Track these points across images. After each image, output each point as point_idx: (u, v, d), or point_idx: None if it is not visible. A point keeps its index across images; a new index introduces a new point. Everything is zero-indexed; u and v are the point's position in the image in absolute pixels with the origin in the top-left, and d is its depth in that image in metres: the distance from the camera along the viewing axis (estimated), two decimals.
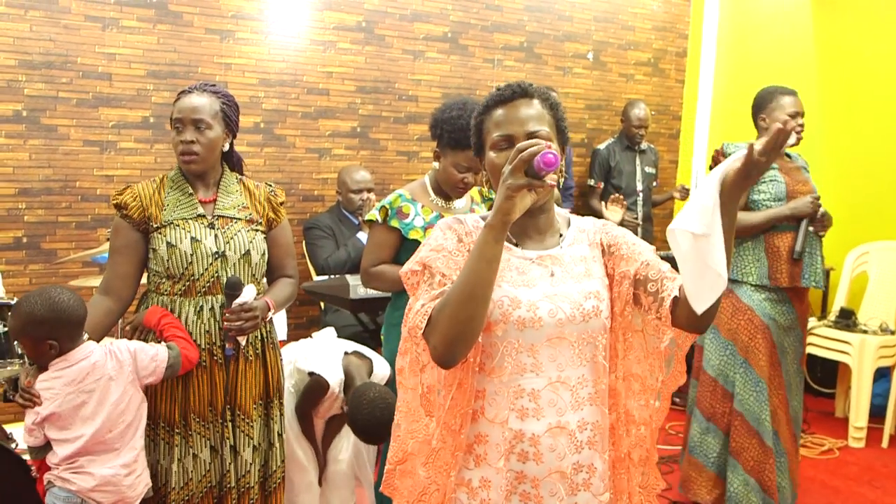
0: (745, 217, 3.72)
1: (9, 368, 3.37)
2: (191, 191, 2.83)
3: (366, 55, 5.76)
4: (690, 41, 7.27)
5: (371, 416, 2.91)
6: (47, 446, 2.63)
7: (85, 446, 2.58)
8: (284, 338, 3.69)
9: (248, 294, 2.75)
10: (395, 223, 3.17)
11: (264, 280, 2.99)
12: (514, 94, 1.88)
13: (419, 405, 1.91)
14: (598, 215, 5.94)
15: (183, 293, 2.78)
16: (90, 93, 4.95)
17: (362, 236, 4.95)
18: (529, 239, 1.92)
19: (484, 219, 1.87)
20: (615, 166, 6.30)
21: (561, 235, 1.96)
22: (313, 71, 5.61)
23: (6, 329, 3.35)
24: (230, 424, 2.82)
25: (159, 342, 2.75)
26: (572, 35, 6.66)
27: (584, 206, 6.45)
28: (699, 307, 1.65)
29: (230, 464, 2.82)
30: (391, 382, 3.08)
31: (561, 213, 2.00)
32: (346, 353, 3.25)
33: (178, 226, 2.77)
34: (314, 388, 3.16)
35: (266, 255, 2.92)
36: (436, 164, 3.23)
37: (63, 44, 4.84)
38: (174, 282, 2.78)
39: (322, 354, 3.22)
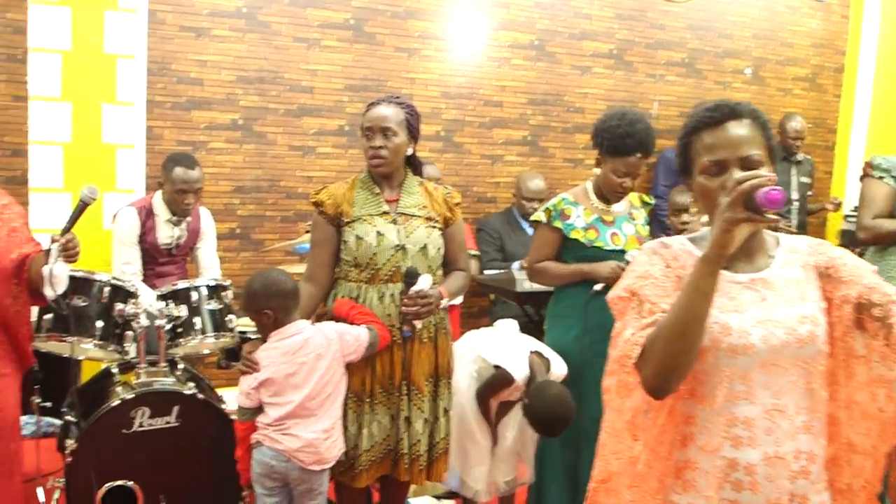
0: None
1: (222, 341, 3.73)
2: (377, 190, 3.07)
3: (537, 70, 6.10)
4: (847, 57, 7.25)
5: (550, 411, 3.01)
6: (258, 410, 2.99)
7: (293, 410, 2.90)
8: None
9: (424, 283, 2.96)
10: (557, 224, 3.41)
11: (440, 272, 3.19)
12: (724, 115, 1.76)
13: (624, 427, 1.84)
14: None
15: (368, 280, 3.02)
16: (295, 104, 5.48)
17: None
18: (738, 261, 1.78)
19: (692, 241, 1.85)
20: None
21: (771, 257, 1.83)
22: (489, 84, 5.98)
23: (220, 307, 3.69)
24: (405, 398, 3.06)
25: None
26: (732, 52, 6.79)
27: None
28: None
29: (404, 432, 3.05)
30: (566, 383, 3.24)
31: (770, 233, 1.87)
32: (530, 352, 3.30)
33: (365, 221, 3.01)
34: (500, 381, 3.22)
35: (442, 250, 3.14)
36: (597, 170, 3.45)
37: (274, 61, 5.40)
38: (360, 270, 3.02)
39: (508, 349, 3.27)
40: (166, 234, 4.26)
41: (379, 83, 5.65)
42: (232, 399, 3.46)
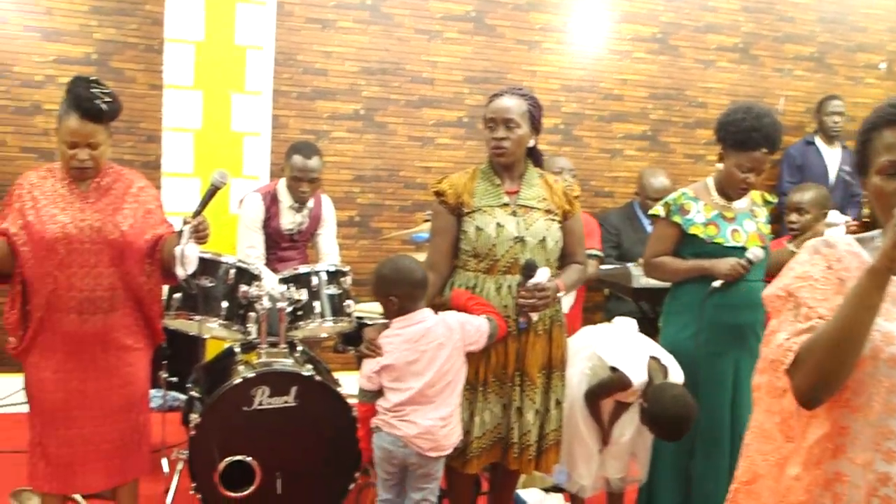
0: None
1: (339, 325, 3.83)
2: (498, 181, 3.07)
3: (659, 64, 5.98)
4: None
5: (671, 414, 2.93)
6: (378, 393, 3.01)
7: (412, 397, 2.91)
8: (566, 310, 3.87)
9: (542, 275, 2.93)
10: (676, 218, 3.31)
11: (557, 265, 3.15)
12: None
13: (774, 428, 1.78)
14: None
15: (486, 271, 3.02)
16: (416, 95, 5.54)
17: None
18: None
19: (860, 241, 1.74)
20: None
21: None
22: (609, 78, 5.91)
23: (339, 292, 3.77)
24: (518, 388, 3.05)
25: None
26: (865, 46, 6.50)
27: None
28: None
29: (515, 421, 3.05)
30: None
31: None
32: (649, 357, 3.18)
33: (485, 212, 3.01)
34: (616, 384, 3.12)
35: (560, 243, 3.10)
36: (719, 166, 3.33)
37: (396, 53, 5.47)
38: (479, 260, 3.02)
39: (627, 351, 3.17)
40: (289, 220, 4.36)
41: (499, 75, 5.65)
42: (347, 382, 3.54)
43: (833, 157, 6.00)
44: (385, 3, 5.39)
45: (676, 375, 3.14)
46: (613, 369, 3.12)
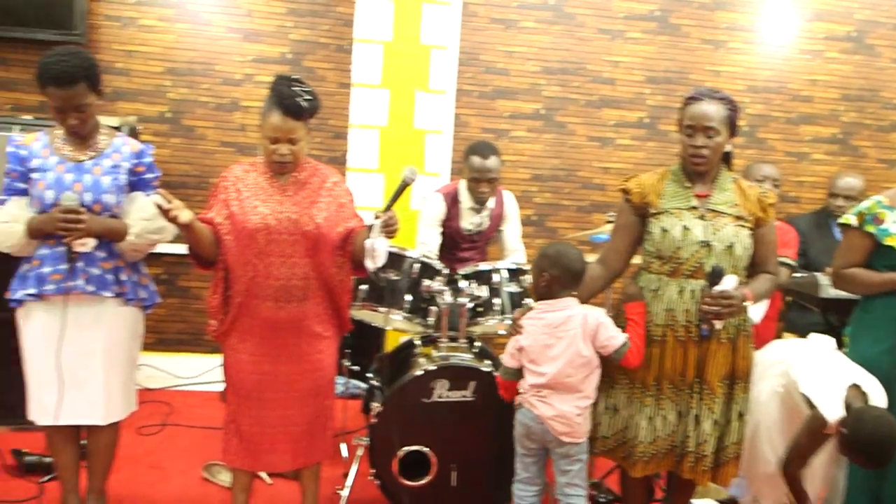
0: None
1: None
2: (688, 184, 2.98)
3: (853, 64, 5.70)
4: None
5: (874, 440, 2.71)
6: (519, 372, 3.08)
7: (547, 382, 2.97)
8: (757, 321, 3.71)
9: (728, 283, 2.84)
10: (870, 228, 3.09)
11: (745, 272, 3.04)
12: None
13: None
14: None
15: (669, 273, 2.95)
16: (596, 95, 5.49)
17: None
18: None
19: None
20: None
21: None
22: (798, 79, 5.67)
23: (520, 290, 3.77)
24: (696, 396, 2.96)
25: None
26: None
27: None
28: None
29: (692, 430, 2.95)
30: None
31: None
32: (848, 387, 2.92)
33: (672, 214, 2.95)
34: (812, 424, 2.87)
35: (749, 250, 2.98)
36: None
37: (577, 52, 5.44)
38: (663, 262, 2.96)
39: (825, 379, 2.92)
40: (469, 220, 4.37)
41: (681, 75, 5.53)
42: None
43: None
44: (568, 3, 5.38)
45: (879, 400, 2.90)
46: (807, 400, 2.90)
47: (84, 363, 3.06)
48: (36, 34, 4.80)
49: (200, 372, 5.23)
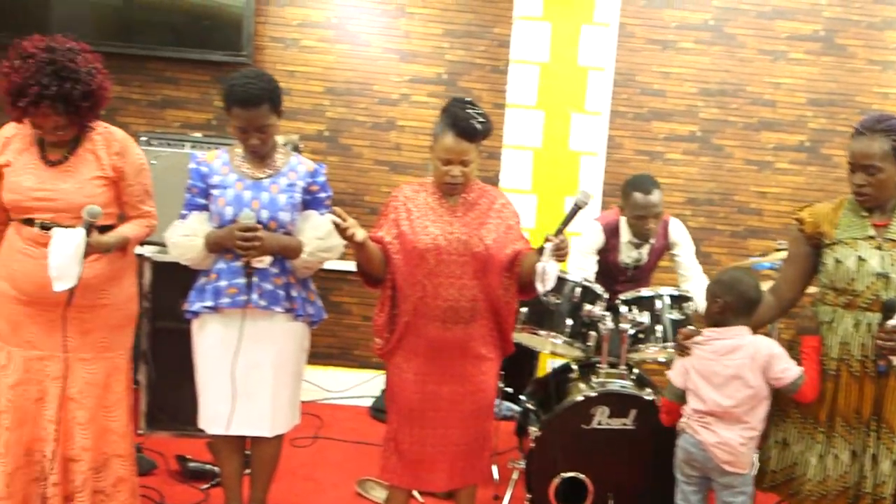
0: None
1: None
2: (865, 213, 2.89)
3: None
4: None
5: None
6: (683, 395, 3.02)
7: (710, 408, 2.91)
8: None
9: None
10: None
11: None
12: None
13: None
14: None
15: (844, 306, 2.85)
16: (755, 118, 5.32)
17: None
18: None
19: None
20: None
21: None
22: None
23: (682, 317, 3.71)
24: (874, 434, 2.83)
25: None
26: None
27: None
28: None
29: (869, 471, 2.82)
30: None
31: None
32: None
33: (847, 244, 2.85)
34: None
35: None
36: None
37: (737, 74, 5.29)
38: (837, 294, 2.87)
39: None
40: (627, 254, 4.24)
41: (846, 97, 5.31)
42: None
43: None
44: (728, 23, 5.25)
45: None
46: None
47: (255, 375, 3.13)
48: (206, 55, 4.98)
49: (349, 386, 5.30)
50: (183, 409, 4.05)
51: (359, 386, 5.29)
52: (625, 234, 4.20)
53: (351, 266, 3.41)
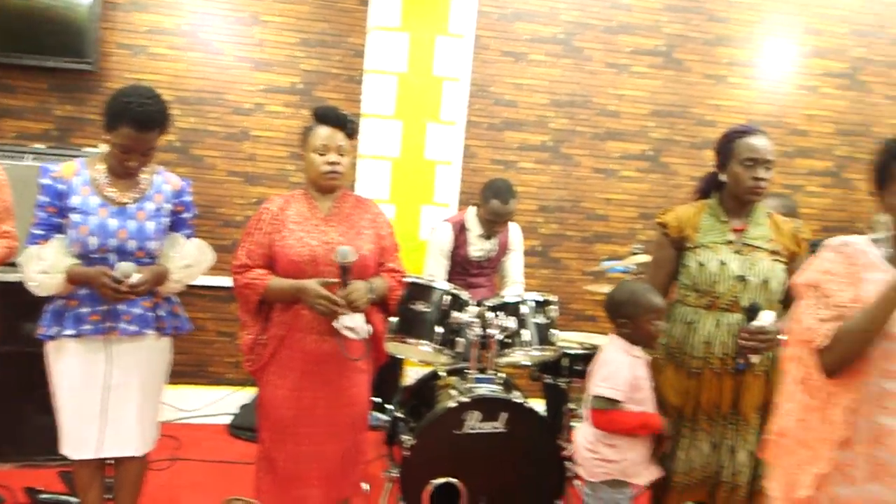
0: None
1: (544, 354, 3.79)
2: (725, 218, 2.99)
3: (847, 100, 5.81)
4: None
5: None
6: (610, 402, 2.97)
7: None
8: None
9: (765, 319, 2.85)
10: None
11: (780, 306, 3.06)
12: None
13: (796, 389, 2.19)
14: None
15: (706, 307, 2.94)
16: (602, 128, 5.52)
17: None
18: None
19: (875, 241, 2.14)
20: None
21: None
22: (795, 113, 5.74)
23: (546, 321, 3.75)
24: (732, 427, 2.97)
25: None
26: None
27: None
28: None
29: (727, 461, 2.97)
30: None
31: None
32: None
33: (709, 248, 2.95)
34: None
35: (785, 285, 2.98)
36: None
37: (584, 86, 5.47)
38: (699, 296, 2.95)
39: None
40: (477, 247, 4.39)
41: (684, 109, 5.59)
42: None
43: None
44: (576, 37, 5.41)
45: None
46: None
47: (122, 395, 2.98)
48: (47, 62, 4.67)
49: (205, 404, 5.13)
50: (30, 438, 3.81)
51: (215, 403, 5.13)
52: (474, 228, 4.37)
53: (204, 281, 3.30)
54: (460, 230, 4.40)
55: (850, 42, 5.78)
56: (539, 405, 4.36)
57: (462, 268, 4.47)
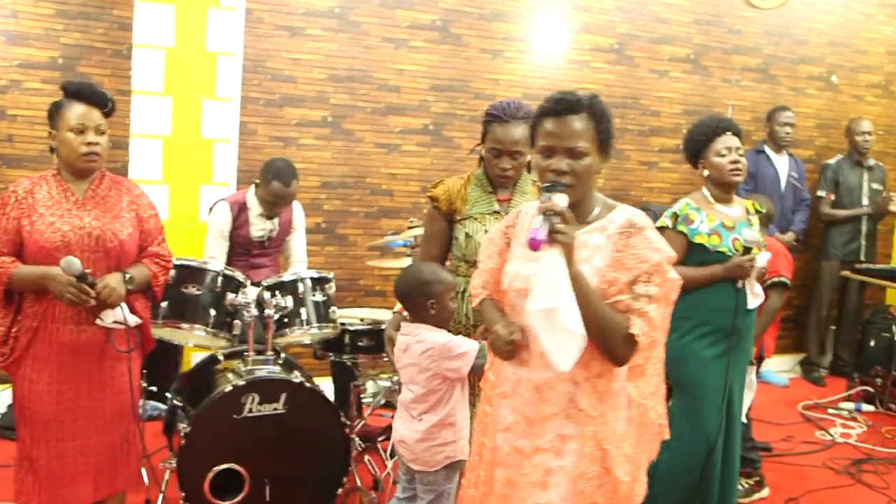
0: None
1: (325, 332, 3.86)
2: (490, 189, 3.07)
3: (616, 73, 6.09)
4: None
5: None
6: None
7: (402, 402, 2.93)
8: None
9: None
10: (682, 228, 3.35)
11: None
12: None
13: None
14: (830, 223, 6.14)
15: None
16: (382, 103, 5.52)
17: None
18: None
19: None
20: (842, 181, 6.41)
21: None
22: (569, 86, 5.87)
23: (324, 299, 3.82)
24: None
25: None
26: (807, 58, 6.72)
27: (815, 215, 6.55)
28: (564, 366, 1.98)
29: None
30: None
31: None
32: None
33: (476, 219, 3.04)
34: None
35: None
36: (706, 173, 3.44)
37: (363, 61, 5.44)
38: (469, 266, 3.00)
39: None
40: (259, 227, 4.33)
41: (463, 83, 5.68)
42: (324, 389, 3.57)
43: (783, 165, 6.23)
44: (353, 11, 5.37)
45: None
46: None
47: None
48: None
49: None
50: None
51: None
52: (255, 208, 4.31)
53: None
54: (240, 210, 4.30)
55: (616, 18, 6.05)
56: (328, 384, 4.38)
57: (244, 248, 4.38)
